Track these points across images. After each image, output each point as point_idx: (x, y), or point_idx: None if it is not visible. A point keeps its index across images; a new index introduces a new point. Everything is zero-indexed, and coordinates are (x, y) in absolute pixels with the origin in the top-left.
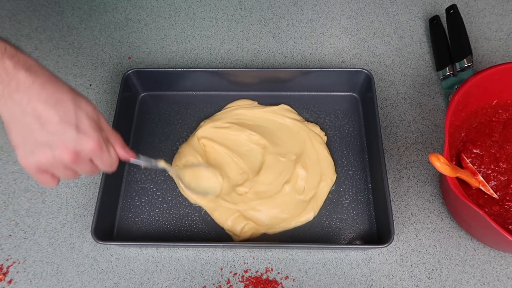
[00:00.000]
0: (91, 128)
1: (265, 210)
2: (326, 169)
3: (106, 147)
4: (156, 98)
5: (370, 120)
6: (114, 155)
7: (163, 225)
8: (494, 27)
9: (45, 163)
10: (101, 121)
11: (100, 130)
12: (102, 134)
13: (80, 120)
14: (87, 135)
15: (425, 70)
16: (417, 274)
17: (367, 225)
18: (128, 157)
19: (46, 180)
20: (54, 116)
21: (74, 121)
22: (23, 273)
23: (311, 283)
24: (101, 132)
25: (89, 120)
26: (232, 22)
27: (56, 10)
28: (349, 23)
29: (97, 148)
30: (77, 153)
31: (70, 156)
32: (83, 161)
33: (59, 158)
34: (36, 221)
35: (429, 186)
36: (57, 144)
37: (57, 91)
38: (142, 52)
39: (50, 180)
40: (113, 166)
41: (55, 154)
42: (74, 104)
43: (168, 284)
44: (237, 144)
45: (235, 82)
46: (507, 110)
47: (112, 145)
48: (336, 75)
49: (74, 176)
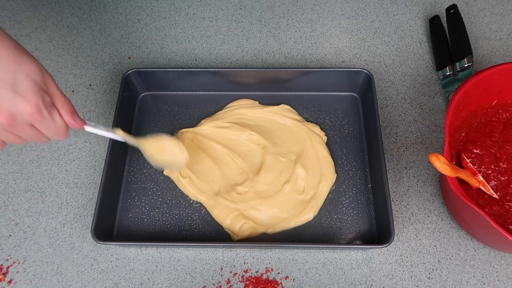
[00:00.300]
0: (30, 90)
1: (264, 210)
2: (326, 169)
3: (48, 113)
4: (156, 98)
5: (370, 120)
6: (60, 122)
7: (163, 225)
8: (494, 27)
9: None
10: (48, 83)
11: (43, 93)
12: (45, 98)
13: (18, 81)
14: (24, 98)
15: (425, 70)
16: (417, 274)
17: (367, 225)
18: (76, 126)
19: None
20: None
21: (11, 81)
22: (23, 273)
23: (311, 283)
24: (43, 95)
25: (29, 82)
26: (232, 22)
27: (56, 10)
28: (349, 23)
29: (36, 112)
30: (12, 116)
31: (4, 118)
32: (21, 126)
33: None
34: (36, 221)
35: (429, 186)
36: None
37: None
38: (142, 52)
39: None
40: (60, 134)
41: None
42: (14, 62)
43: (168, 284)
44: (237, 144)
45: (235, 82)
46: (507, 110)
47: (58, 111)
48: (336, 75)
49: (19, 141)
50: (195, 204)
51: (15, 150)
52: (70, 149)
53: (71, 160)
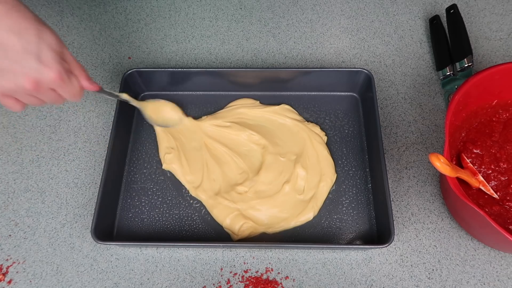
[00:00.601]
0: (52, 59)
1: (264, 210)
2: (326, 169)
3: (68, 78)
4: (156, 98)
5: (370, 120)
6: (77, 86)
7: (163, 225)
8: (494, 27)
9: (8, 88)
10: (65, 53)
11: (62, 62)
12: (65, 65)
13: (41, 51)
14: (48, 66)
15: (425, 70)
16: (417, 274)
17: (367, 225)
18: (92, 88)
19: (11, 104)
20: (17, 45)
21: (36, 51)
22: (23, 273)
23: (311, 283)
24: (62, 64)
25: (51, 51)
26: (232, 22)
27: (56, 10)
28: (349, 23)
29: (58, 78)
30: (37, 82)
31: (31, 84)
32: (44, 90)
33: (21, 85)
34: (36, 221)
35: (429, 186)
36: (19, 72)
37: (21, 19)
38: (142, 52)
39: (15, 104)
40: (76, 96)
41: (16, 81)
42: (37, 34)
43: (168, 284)
44: (237, 143)
45: (235, 82)
46: (507, 110)
47: (75, 77)
48: (336, 75)
49: (38, 103)
50: (195, 204)
51: (15, 150)
52: (70, 149)
53: (71, 160)
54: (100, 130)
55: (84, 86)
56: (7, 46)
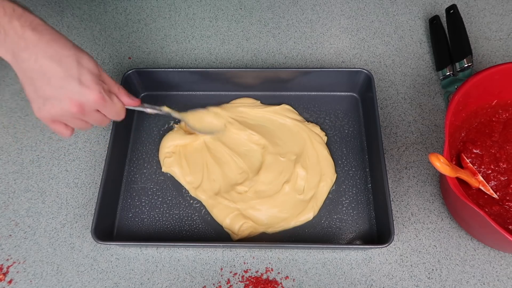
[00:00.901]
0: (92, 81)
1: (264, 210)
2: (326, 169)
3: (109, 98)
4: (156, 98)
5: (370, 120)
6: (118, 104)
7: (163, 225)
8: (494, 27)
9: (56, 114)
10: (103, 75)
11: (101, 83)
12: (104, 86)
13: (82, 75)
14: (89, 88)
15: (425, 70)
16: (417, 274)
17: (367, 225)
18: (134, 104)
19: (60, 129)
20: (59, 71)
21: (77, 76)
22: (23, 273)
23: (311, 283)
24: (102, 85)
25: (91, 75)
26: (232, 22)
27: (56, 10)
28: (349, 23)
29: (100, 99)
30: (81, 105)
31: (75, 107)
32: (89, 112)
33: (67, 109)
34: (36, 221)
35: (429, 186)
36: (64, 97)
37: (61, 48)
38: (142, 52)
39: (64, 129)
40: (120, 114)
41: (62, 106)
42: (76, 60)
43: (168, 284)
44: (237, 143)
45: (235, 82)
46: (507, 110)
47: (115, 95)
48: (336, 75)
49: (86, 126)
50: (195, 204)
51: (15, 150)
52: (70, 149)
53: (71, 160)
54: (100, 130)
55: (125, 103)
56: (50, 73)
